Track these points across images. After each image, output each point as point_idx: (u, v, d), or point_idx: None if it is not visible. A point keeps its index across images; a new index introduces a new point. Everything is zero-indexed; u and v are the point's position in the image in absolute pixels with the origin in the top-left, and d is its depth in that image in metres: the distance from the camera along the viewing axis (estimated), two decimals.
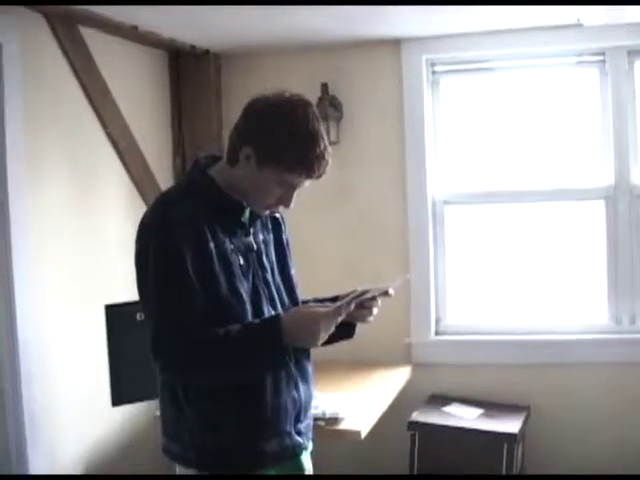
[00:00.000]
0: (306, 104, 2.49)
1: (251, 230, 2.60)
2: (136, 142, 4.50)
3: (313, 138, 2.43)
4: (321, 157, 2.44)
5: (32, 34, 3.77)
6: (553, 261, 4.91)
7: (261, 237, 2.65)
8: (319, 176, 2.49)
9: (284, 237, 2.77)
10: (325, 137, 2.47)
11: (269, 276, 2.62)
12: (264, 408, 2.51)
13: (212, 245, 2.44)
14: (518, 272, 4.97)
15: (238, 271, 2.50)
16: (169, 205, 2.47)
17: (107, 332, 3.81)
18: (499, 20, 4.36)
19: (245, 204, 2.54)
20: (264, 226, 2.69)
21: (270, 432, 2.53)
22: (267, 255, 2.65)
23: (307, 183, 2.52)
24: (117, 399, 3.85)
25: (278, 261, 2.71)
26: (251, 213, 2.58)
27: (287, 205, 2.55)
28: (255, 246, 2.60)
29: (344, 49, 4.85)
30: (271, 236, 2.71)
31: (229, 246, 2.50)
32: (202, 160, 2.60)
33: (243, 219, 2.57)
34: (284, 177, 2.45)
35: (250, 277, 2.55)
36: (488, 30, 4.57)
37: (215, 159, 2.63)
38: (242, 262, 2.52)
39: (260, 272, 2.59)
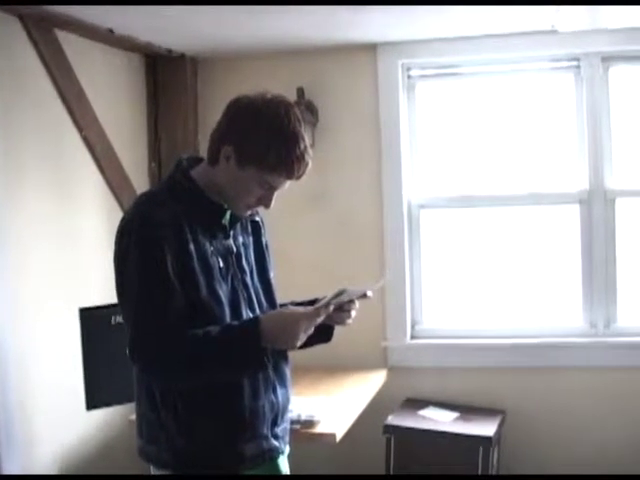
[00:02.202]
0: (288, 105, 2.50)
1: (231, 233, 2.60)
2: (112, 146, 4.48)
3: (294, 139, 2.43)
4: (301, 158, 2.44)
5: (7, 37, 3.74)
6: (528, 265, 4.93)
7: (241, 240, 2.65)
8: (299, 177, 2.49)
9: (264, 240, 2.77)
10: (306, 138, 2.48)
11: (248, 279, 2.62)
12: (242, 411, 2.51)
13: (192, 247, 2.44)
14: (494, 276, 4.99)
15: (217, 274, 2.50)
16: (151, 205, 2.47)
17: (82, 336, 3.80)
18: (475, 25, 4.38)
19: (226, 206, 2.54)
20: (244, 229, 2.69)
21: (247, 436, 2.53)
22: (247, 258, 2.65)
23: (287, 184, 2.52)
24: (91, 403, 3.84)
25: (257, 264, 2.70)
26: (231, 216, 2.58)
27: (267, 205, 2.55)
28: (235, 249, 2.60)
29: (320, 54, 4.85)
30: (251, 239, 2.71)
31: (209, 248, 2.50)
32: (184, 161, 2.59)
33: (224, 221, 2.56)
34: (264, 177, 2.45)
35: (229, 280, 2.54)
36: (463, 35, 4.59)
37: (197, 161, 2.62)
38: (222, 265, 2.52)
39: (239, 275, 2.59)
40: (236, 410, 2.50)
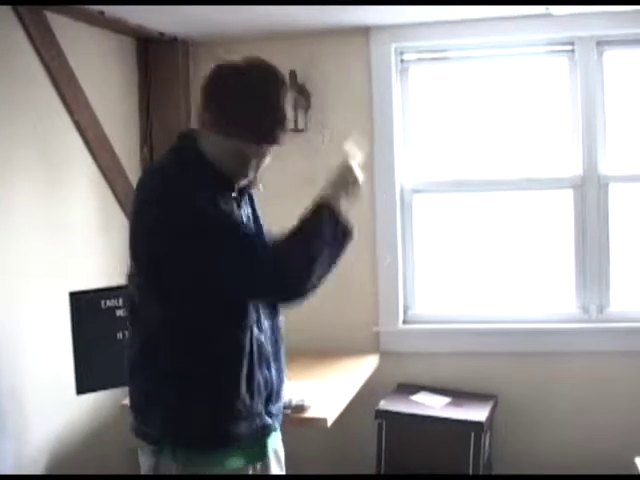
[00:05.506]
0: (266, 68, 2.51)
1: (242, 203, 2.63)
2: (104, 130, 4.46)
3: (270, 102, 2.45)
4: (281, 121, 2.48)
5: None
6: (521, 250, 4.92)
7: (246, 211, 2.67)
8: (278, 143, 2.51)
9: (259, 211, 2.78)
10: (285, 103, 2.49)
11: None
12: (237, 390, 2.51)
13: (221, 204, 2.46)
14: (486, 261, 4.98)
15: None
16: (174, 176, 2.46)
17: (71, 320, 3.77)
18: (468, 9, 4.35)
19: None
20: (246, 201, 2.70)
21: (241, 413, 2.53)
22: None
23: (268, 154, 2.53)
24: (82, 388, 3.82)
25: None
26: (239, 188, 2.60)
27: (253, 175, 2.57)
28: (245, 219, 2.62)
29: (313, 37, 4.83)
30: (251, 210, 2.73)
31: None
32: (191, 135, 2.59)
33: (234, 193, 2.58)
34: (241, 145, 2.47)
35: None
36: (457, 19, 4.56)
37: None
38: None
39: None
40: (231, 387, 2.50)
